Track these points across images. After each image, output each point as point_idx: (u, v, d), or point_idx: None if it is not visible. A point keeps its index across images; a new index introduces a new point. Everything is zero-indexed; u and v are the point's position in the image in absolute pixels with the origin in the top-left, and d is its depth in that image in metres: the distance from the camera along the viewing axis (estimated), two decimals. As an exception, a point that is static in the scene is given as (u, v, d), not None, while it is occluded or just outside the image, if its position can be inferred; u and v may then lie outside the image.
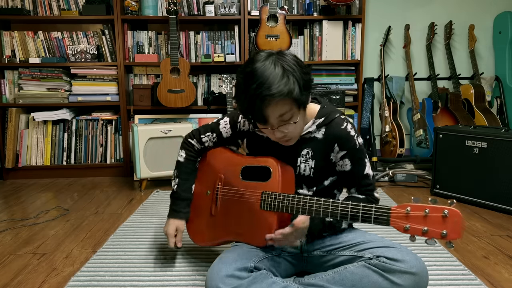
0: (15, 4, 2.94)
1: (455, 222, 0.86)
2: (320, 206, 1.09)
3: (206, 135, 1.41)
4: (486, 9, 3.27)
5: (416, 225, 0.90)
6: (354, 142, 1.23)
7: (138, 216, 2.08)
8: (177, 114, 2.99)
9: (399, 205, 0.95)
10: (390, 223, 0.96)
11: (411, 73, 3.15)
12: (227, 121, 1.38)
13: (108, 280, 1.40)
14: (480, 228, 1.91)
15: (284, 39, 2.77)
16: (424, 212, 0.90)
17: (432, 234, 0.88)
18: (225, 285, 1.06)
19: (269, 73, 1.07)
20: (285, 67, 1.08)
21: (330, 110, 1.25)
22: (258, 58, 1.11)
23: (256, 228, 1.21)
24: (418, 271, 1.07)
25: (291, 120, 1.13)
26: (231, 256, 1.15)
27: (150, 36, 3.00)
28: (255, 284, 1.08)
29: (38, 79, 2.93)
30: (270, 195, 1.19)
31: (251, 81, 1.08)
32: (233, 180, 1.32)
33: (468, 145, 2.23)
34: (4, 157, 2.96)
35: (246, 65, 1.13)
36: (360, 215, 1.02)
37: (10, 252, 1.67)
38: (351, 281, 1.12)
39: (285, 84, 1.06)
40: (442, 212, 0.88)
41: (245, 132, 1.35)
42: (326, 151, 1.25)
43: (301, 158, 1.26)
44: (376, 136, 3.27)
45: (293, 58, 1.13)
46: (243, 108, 1.14)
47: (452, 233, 0.86)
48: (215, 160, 1.40)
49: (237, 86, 1.14)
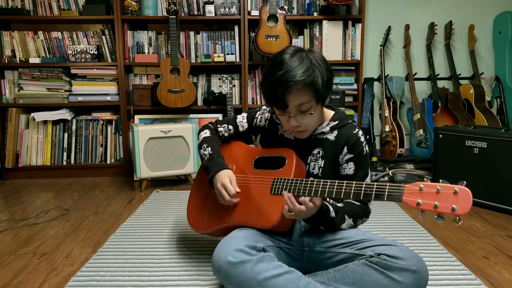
0: (15, 4, 2.94)
1: (464, 198, 0.91)
2: (333, 187, 1.12)
3: (222, 126, 1.50)
4: (486, 9, 3.27)
5: (428, 201, 0.94)
6: (362, 148, 1.30)
7: (138, 216, 2.08)
8: (177, 114, 2.99)
9: (412, 183, 0.99)
10: (402, 198, 0.98)
11: (411, 73, 3.15)
12: (245, 116, 1.48)
13: (108, 280, 1.40)
14: (480, 228, 1.91)
15: (284, 39, 2.77)
16: (436, 189, 0.94)
17: (443, 209, 0.92)
18: (234, 258, 1.08)
19: (296, 64, 1.15)
20: (312, 61, 1.17)
21: (344, 116, 1.34)
22: (288, 51, 1.19)
23: (264, 211, 1.22)
24: (419, 269, 1.08)
25: (309, 111, 1.19)
26: (240, 234, 1.17)
27: (150, 36, 3.00)
28: (263, 262, 1.10)
29: (38, 79, 2.93)
30: (282, 180, 1.22)
31: (279, 68, 1.16)
32: (245, 169, 1.35)
33: (468, 145, 2.23)
34: (4, 157, 2.96)
35: (275, 56, 1.21)
36: (374, 192, 1.04)
37: (10, 252, 1.67)
38: (352, 279, 1.13)
39: (309, 75, 1.14)
40: (453, 190, 0.92)
41: (260, 127, 1.43)
42: (335, 152, 1.31)
43: (311, 156, 1.32)
44: (376, 136, 3.27)
45: (321, 56, 1.21)
46: (266, 91, 1.20)
47: (461, 209, 0.90)
48: (229, 152, 1.43)
49: (264, 73, 1.23)
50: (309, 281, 1.12)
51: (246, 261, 1.08)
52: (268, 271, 1.08)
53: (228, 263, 1.08)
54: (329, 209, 1.21)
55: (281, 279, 1.08)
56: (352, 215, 1.27)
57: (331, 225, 1.25)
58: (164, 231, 1.87)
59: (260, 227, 1.21)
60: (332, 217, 1.22)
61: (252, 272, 1.07)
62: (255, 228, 1.22)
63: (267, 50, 2.76)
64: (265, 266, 1.09)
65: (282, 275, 1.09)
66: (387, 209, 2.17)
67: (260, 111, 1.46)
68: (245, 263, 1.08)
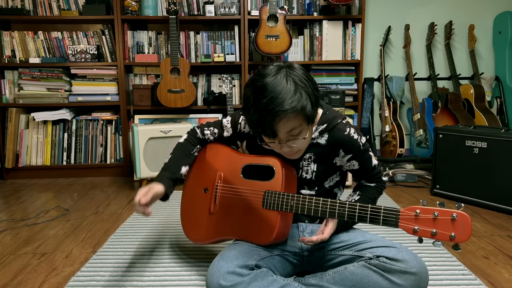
0: (15, 4, 2.94)
1: (463, 225, 0.88)
2: (326, 207, 1.10)
3: (208, 129, 1.43)
4: (486, 9, 3.27)
5: (425, 227, 0.92)
6: (358, 145, 1.26)
7: (138, 216, 2.08)
8: (177, 114, 2.99)
9: (408, 207, 0.97)
10: (398, 225, 0.97)
11: (411, 73, 3.15)
12: (229, 120, 1.39)
13: (108, 280, 1.40)
14: (480, 228, 1.91)
15: (284, 39, 2.77)
16: (433, 214, 0.92)
17: (441, 237, 0.90)
18: (226, 281, 1.06)
19: (281, 88, 1.05)
20: (296, 82, 1.07)
21: (332, 116, 1.26)
22: (268, 72, 1.09)
23: (259, 227, 1.20)
24: (418, 271, 1.07)
25: (300, 135, 1.12)
26: (232, 253, 1.14)
27: (150, 36, 3.00)
28: (256, 281, 1.08)
29: (38, 79, 2.93)
30: (274, 194, 1.19)
31: (262, 95, 1.06)
32: (233, 178, 1.31)
33: (468, 145, 2.23)
34: (4, 157, 2.96)
35: (255, 79, 1.10)
36: (368, 217, 1.03)
37: (10, 252, 1.67)
38: (351, 281, 1.12)
39: (298, 101, 1.05)
40: (451, 215, 0.90)
41: (245, 134, 1.36)
42: (330, 156, 1.28)
43: (303, 161, 1.28)
44: (376, 136, 3.27)
45: (304, 72, 1.11)
46: (252, 121, 1.12)
47: (460, 236, 0.88)
48: (215, 158, 1.40)
49: (246, 100, 1.12)
50: None
51: (238, 283, 1.06)
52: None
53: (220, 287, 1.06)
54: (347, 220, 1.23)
55: None
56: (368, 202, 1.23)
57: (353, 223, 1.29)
58: (164, 231, 1.87)
59: (257, 243, 1.21)
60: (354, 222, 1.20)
61: None
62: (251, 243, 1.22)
63: (267, 50, 2.76)
64: (258, 285, 1.07)
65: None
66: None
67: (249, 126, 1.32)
68: (238, 286, 1.06)
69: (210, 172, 1.39)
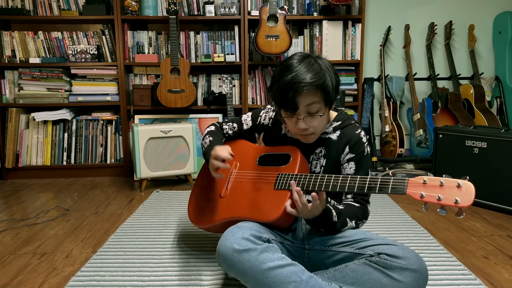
0: (15, 4, 2.94)
1: (467, 191, 0.92)
2: (338, 181, 1.13)
3: (227, 125, 1.54)
4: (486, 9, 3.28)
5: (432, 193, 0.96)
6: (363, 148, 1.31)
7: (138, 216, 2.08)
8: (177, 114, 2.99)
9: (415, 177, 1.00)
10: (406, 191, 0.99)
11: (411, 73, 3.15)
12: (249, 114, 1.51)
13: (108, 280, 1.40)
14: (480, 228, 1.91)
15: (284, 39, 2.77)
16: (439, 182, 0.96)
17: (446, 201, 0.93)
18: (239, 245, 1.09)
19: (306, 68, 1.18)
20: (321, 66, 1.20)
21: (347, 117, 1.36)
22: (296, 56, 1.22)
23: (267, 205, 1.22)
24: (419, 268, 1.08)
25: (317, 113, 1.20)
26: (247, 225, 1.17)
27: (150, 36, 3.00)
28: (267, 252, 1.10)
29: (38, 79, 2.93)
30: (286, 176, 1.23)
31: (288, 72, 1.18)
32: (249, 166, 1.36)
33: (468, 145, 2.23)
34: (4, 157, 2.96)
35: (284, 61, 1.24)
36: (378, 185, 1.05)
37: (10, 252, 1.67)
38: (352, 278, 1.13)
39: (320, 78, 1.17)
40: (456, 183, 0.94)
41: (264, 126, 1.45)
42: (337, 152, 1.32)
43: (313, 155, 1.34)
44: (376, 136, 3.27)
45: (329, 62, 1.24)
46: (276, 94, 1.21)
47: (464, 201, 0.92)
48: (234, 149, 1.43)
49: (273, 77, 1.24)
50: (312, 275, 1.12)
51: (251, 249, 1.09)
52: (273, 261, 1.08)
53: (233, 251, 1.09)
54: (332, 212, 1.21)
55: (284, 271, 1.08)
56: (353, 218, 1.27)
57: (333, 228, 1.24)
58: (164, 231, 1.87)
59: (262, 220, 1.21)
60: (334, 221, 1.22)
61: (257, 260, 1.07)
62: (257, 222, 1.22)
63: (267, 50, 2.76)
64: (269, 256, 1.09)
65: (286, 266, 1.09)
66: (387, 209, 2.17)
67: (264, 109, 1.48)
68: (250, 251, 1.08)
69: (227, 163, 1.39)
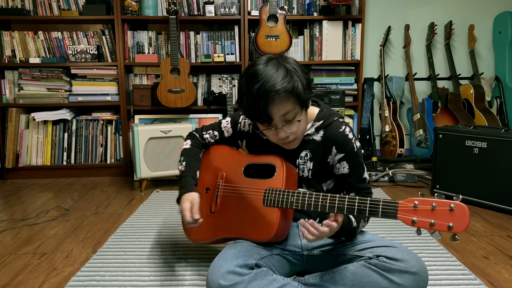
0: (15, 4, 2.94)
1: (461, 215, 0.89)
2: (326, 201, 1.09)
3: (207, 133, 1.44)
4: (486, 9, 3.27)
5: (424, 218, 0.92)
6: (351, 145, 1.24)
7: (138, 216, 2.08)
8: (177, 114, 2.99)
9: (406, 199, 0.96)
10: (397, 216, 0.96)
11: (411, 73, 3.15)
12: (229, 120, 1.41)
13: (108, 280, 1.40)
14: (480, 228, 1.91)
15: (284, 39, 2.77)
16: (431, 206, 0.92)
17: (439, 227, 0.90)
18: (225, 281, 1.06)
19: (272, 73, 1.10)
20: (287, 67, 1.12)
21: (329, 113, 1.27)
22: (259, 62, 1.14)
23: (259, 224, 1.20)
24: (418, 270, 1.07)
25: (295, 119, 1.14)
26: (232, 252, 1.14)
27: (150, 36, 3.00)
28: (255, 280, 1.08)
29: (38, 79, 2.93)
30: (274, 192, 1.19)
31: (254, 81, 1.10)
32: (235, 178, 1.31)
33: (468, 145, 2.23)
34: (4, 157, 2.96)
35: (247, 69, 1.15)
36: (368, 209, 1.02)
37: (10, 252, 1.67)
38: (351, 280, 1.12)
39: (288, 82, 1.09)
40: (448, 206, 0.90)
41: (245, 133, 1.37)
42: (323, 153, 1.27)
43: (299, 160, 1.28)
44: (376, 136, 3.27)
45: (294, 60, 1.16)
46: (246, 108, 1.14)
47: (458, 226, 0.88)
48: (217, 158, 1.40)
49: (240, 89, 1.16)
50: None
51: (237, 282, 1.06)
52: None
53: (220, 286, 1.05)
54: (351, 219, 1.18)
55: None
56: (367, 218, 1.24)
57: (353, 234, 1.21)
58: (164, 231, 1.87)
59: (256, 240, 1.20)
60: (354, 227, 1.19)
61: None
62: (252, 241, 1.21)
63: (267, 50, 2.76)
64: (258, 284, 1.07)
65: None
66: (387, 209, 2.17)
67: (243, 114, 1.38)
68: (237, 285, 1.05)
69: (212, 173, 1.39)
